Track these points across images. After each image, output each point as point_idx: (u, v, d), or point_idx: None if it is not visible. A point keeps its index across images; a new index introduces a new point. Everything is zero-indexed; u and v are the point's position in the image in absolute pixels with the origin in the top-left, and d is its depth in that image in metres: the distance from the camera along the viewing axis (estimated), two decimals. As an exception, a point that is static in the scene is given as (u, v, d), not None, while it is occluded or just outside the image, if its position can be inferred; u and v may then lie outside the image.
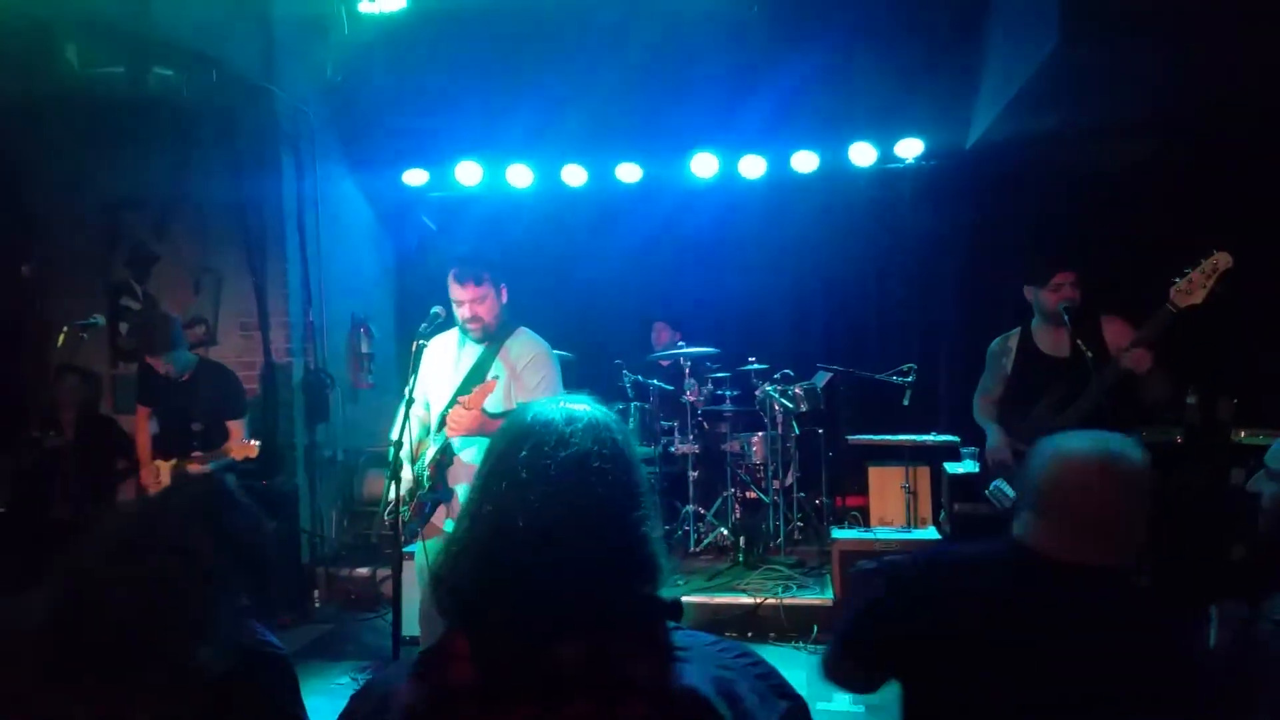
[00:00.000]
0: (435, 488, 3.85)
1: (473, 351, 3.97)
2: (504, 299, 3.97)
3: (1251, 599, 2.10)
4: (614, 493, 1.33)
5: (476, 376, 3.91)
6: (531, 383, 3.93)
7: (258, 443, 4.99)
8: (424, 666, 1.32)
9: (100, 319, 5.29)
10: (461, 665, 1.28)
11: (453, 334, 4.04)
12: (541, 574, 1.26)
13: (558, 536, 1.27)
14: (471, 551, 1.30)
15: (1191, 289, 3.72)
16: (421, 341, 3.77)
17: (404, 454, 3.72)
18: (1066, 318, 4.07)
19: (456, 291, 3.88)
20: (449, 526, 3.85)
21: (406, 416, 3.64)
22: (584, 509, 1.30)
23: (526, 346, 4.01)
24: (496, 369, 3.92)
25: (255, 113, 6.40)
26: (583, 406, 1.41)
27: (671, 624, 1.33)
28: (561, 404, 1.40)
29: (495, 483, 1.33)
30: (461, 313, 3.87)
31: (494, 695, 1.26)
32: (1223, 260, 3.69)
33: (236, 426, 5.35)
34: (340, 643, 5.77)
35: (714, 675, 1.27)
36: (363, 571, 6.49)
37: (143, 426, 5.50)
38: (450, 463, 3.86)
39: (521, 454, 1.33)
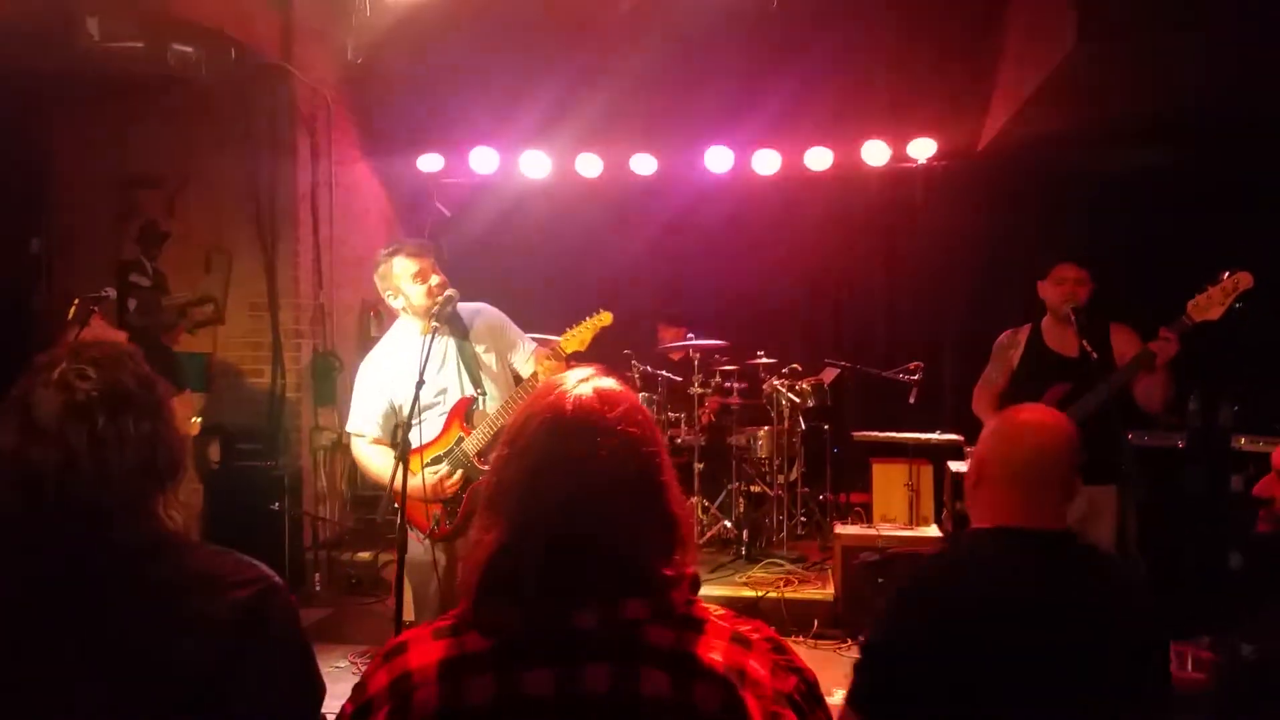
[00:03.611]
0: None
1: (441, 341, 3.86)
2: None
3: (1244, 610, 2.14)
4: (659, 474, 1.38)
5: (469, 356, 3.90)
6: (513, 339, 4.01)
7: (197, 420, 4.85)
8: (443, 633, 1.35)
9: (111, 292, 5.28)
10: (480, 632, 1.32)
11: (401, 342, 3.94)
12: (581, 552, 1.30)
13: (615, 522, 1.31)
14: (526, 546, 1.31)
15: (1209, 305, 3.72)
16: (435, 324, 3.77)
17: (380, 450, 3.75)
18: (1074, 319, 4.07)
19: (415, 264, 3.79)
20: None
21: (417, 399, 3.63)
22: (639, 493, 1.34)
23: (482, 312, 4.02)
24: (479, 340, 3.93)
25: (272, 92, 6.40)
26: (609, 387, 1.41)
27: (689, 598, 1.37)
28: (589, 385, 1.40)
29: (550, 478, 1.33)
30: (430, 281, 3.79)
31: (512, 660, 1.29)
32: (1244, 280, 3.69)
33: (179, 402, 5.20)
34: (340, 626, 5.78)
35: (729, 648, 1.31)
36: (364, 555, 6.51)
37: None
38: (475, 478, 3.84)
39: (575, 446, 1.33)
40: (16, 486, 1.53)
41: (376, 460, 3.91)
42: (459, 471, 3.80)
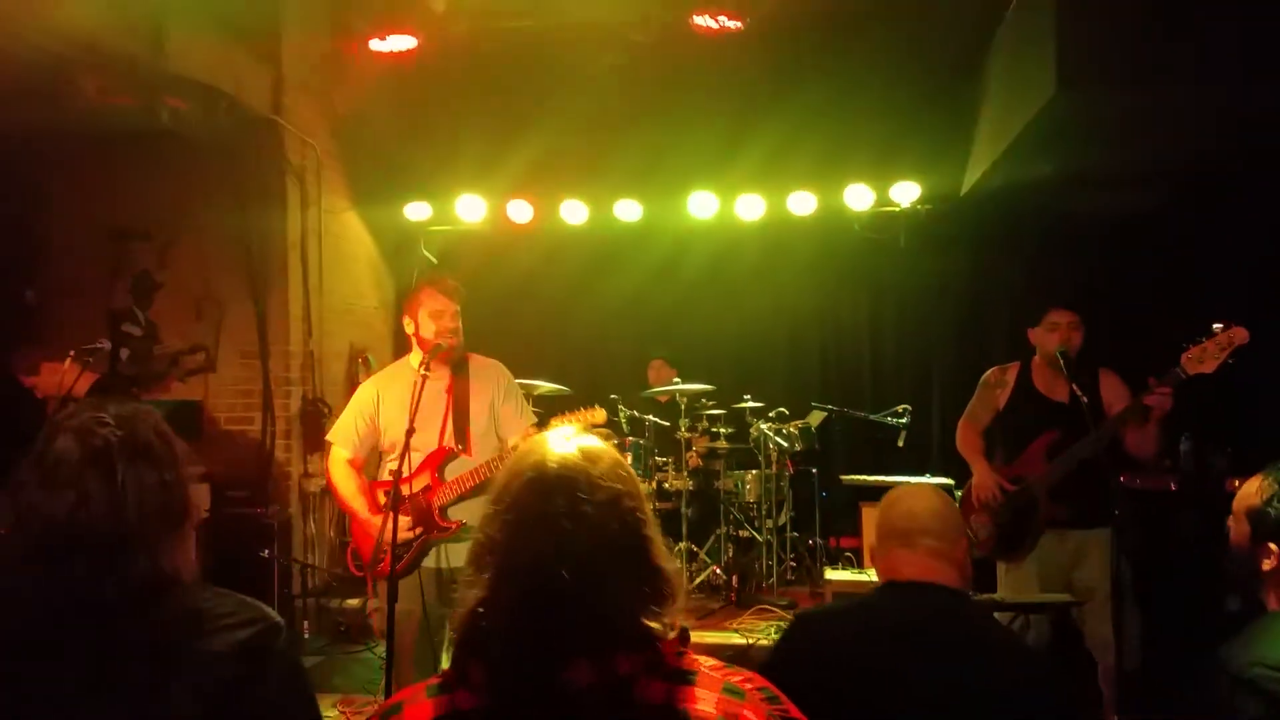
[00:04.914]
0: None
1: (438, 384, 3.97)
2: None
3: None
4: (642, 527, 1.39)
5: (461, 409, 3.96)
6: (513, 409, 4.07)
7: None
8: (437, 691, 1.36)
9: (106, 344, 5.29)
10: (473, 690, 1.32)
11: (401, 372, 4.05)
12: (564, 608, 1.30)
13: (599, 577, 1.31)
14: (505, 602, 1.32)
15: (1204, 358, 3.72)
16: (425, 372, 3.81)
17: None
18: (1063, 363, 4.08)
19: (440, 302, 3.92)
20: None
21: (407, 446, 3.66)
22: (623, 548, 1.35)
23: (497, 371, 4.12)
24: (479, 396, 4.00)
25: (263, 145, 6.46)
26: (593, 445, 1.43)
27: (679, 650, 1.37)
28: (573, 444, 1.42)
29: (533, 534, 1.33)
30: (443, 323, 3.91)
31: (503, 717, 1.30)
32: (1239, 336, 3.70)
33: None
34: (328, 675, 5.73)
35: (722, 699, 1.32)
36: (353, 603, 6.47)
37: None
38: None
39: (558, 502, 1.33)
40: (33, 525, 1.61)
41: (337, 477, 4.05)
42: (419, 526, 3.85)
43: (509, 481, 1.40)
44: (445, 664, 3.85)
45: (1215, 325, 3.74)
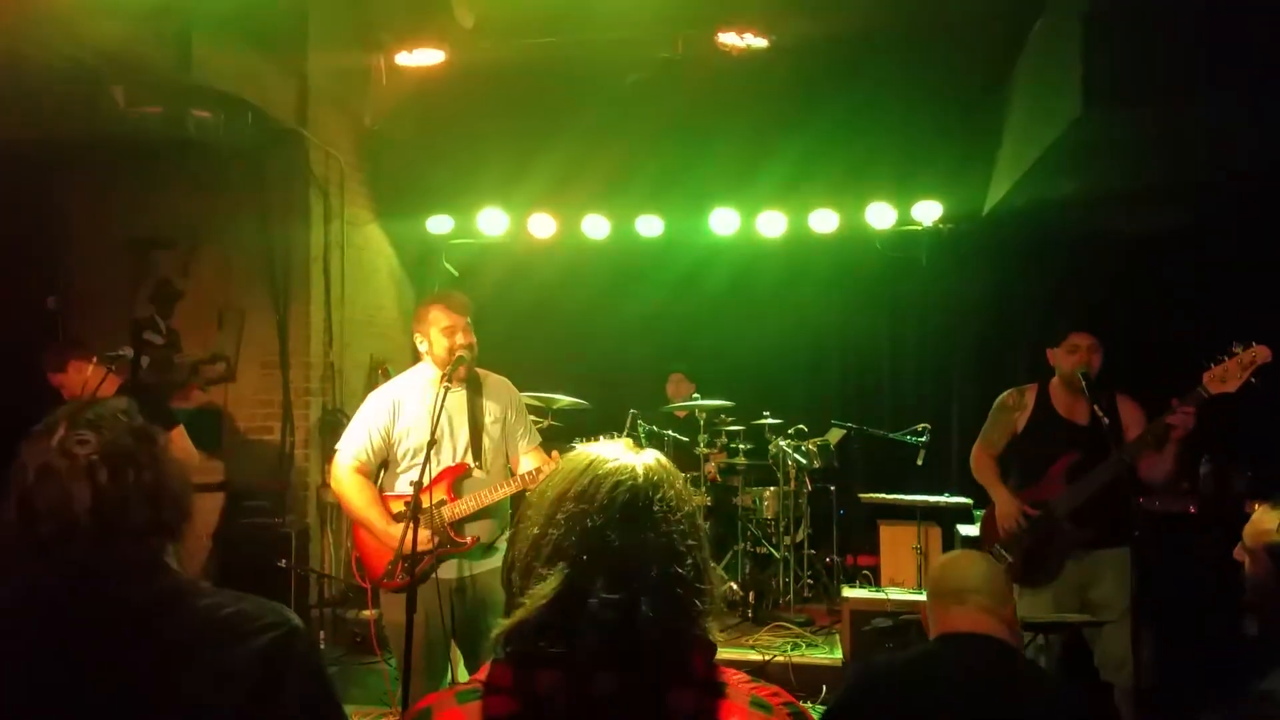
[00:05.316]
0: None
1: (456, 398, 3.96)
2: None
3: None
4: (705, 543, 1.42)
5: (477, 425, 3.97)
6: (523, 428, 4.11)
7: None
8: (467, 697, 1.34)
9: (128, 351, 5.34)
10: (503, 696, 1.30)
11: (416, 383, 4.03)
12: (631, 612, 1.29)
13: (678, 587, 1.33)
14: (575, 606, 1.30)
15: (1226, 377, 3.69)
16: (447, 384, 3.82)
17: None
18: (1084, 385, 4.04)
19: (452, 319, 3.90)
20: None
21: (428, 458, 3.67)
22: (696, 560, 1.37)
23: (508, 390, 4.14)
24: (492, 413, 4.01)
25: (287, 156, 6.52)
26: (666, 461, 1.45)
27: (709, 661, 1.37)
28: (650, 455, 1.45)
29: (626, 537, 1.33)
30: (457, 340, 3.88)
31: None
32: (1261, 354, 3.66)
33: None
34: (343, 686, 5.73)
35: (750, 713, 1.32)
36: (369, 613, 6.46)
37: None
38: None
39: (654, 511, 1.35)
40: (26, 555, 1.57)
41: (349, 487, 3.96)
42: (436, 537, 3.83)
43: (591, 485, 1.37)
44: (460, 676, 3.87)
45: (1236, 345, 3.70)
